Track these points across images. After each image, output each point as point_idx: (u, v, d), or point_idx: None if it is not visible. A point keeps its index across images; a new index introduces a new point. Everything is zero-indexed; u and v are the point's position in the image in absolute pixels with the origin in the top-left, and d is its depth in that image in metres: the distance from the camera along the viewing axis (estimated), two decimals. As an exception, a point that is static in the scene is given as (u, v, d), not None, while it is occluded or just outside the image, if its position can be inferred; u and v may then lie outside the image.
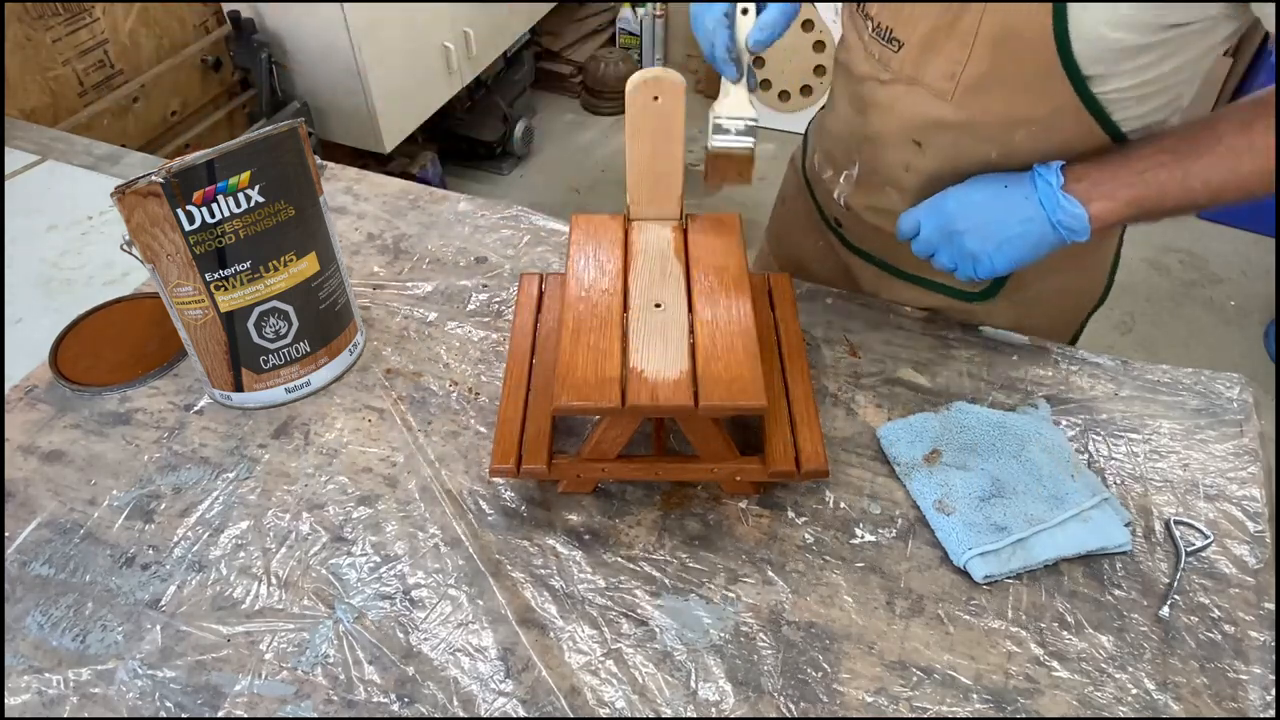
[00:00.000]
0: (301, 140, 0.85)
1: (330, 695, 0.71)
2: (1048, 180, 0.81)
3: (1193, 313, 2.52)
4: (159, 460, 0.89)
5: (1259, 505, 0.85)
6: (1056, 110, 0.81)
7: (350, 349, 0.97)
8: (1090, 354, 1.00)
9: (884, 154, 0.94)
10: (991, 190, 0.85)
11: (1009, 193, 0.84)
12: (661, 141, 0.84)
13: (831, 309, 1.05)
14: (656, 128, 0.83)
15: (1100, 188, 0.80)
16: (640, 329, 0.80)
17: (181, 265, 0.82)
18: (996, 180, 0.85)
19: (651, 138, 0.84)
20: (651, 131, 0.83)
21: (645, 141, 0.84)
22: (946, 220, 0.86)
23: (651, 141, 0.84)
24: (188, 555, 0.81)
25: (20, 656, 0.74)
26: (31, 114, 1.74)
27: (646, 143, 0.84)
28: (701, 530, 0.83)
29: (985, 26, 0.79)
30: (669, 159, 0.86)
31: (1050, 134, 0.84)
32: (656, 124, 0.83)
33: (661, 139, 0.84)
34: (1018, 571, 0.79)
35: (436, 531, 0.82)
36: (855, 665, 0.73)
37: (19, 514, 0.84)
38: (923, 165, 0.91)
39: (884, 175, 0.96)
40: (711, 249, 0.89)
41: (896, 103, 0.89)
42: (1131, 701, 0.71)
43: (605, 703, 0.71)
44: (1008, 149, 0.86)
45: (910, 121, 0.89)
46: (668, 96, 0.81)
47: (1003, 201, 0.84)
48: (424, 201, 1.21)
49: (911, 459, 0.87)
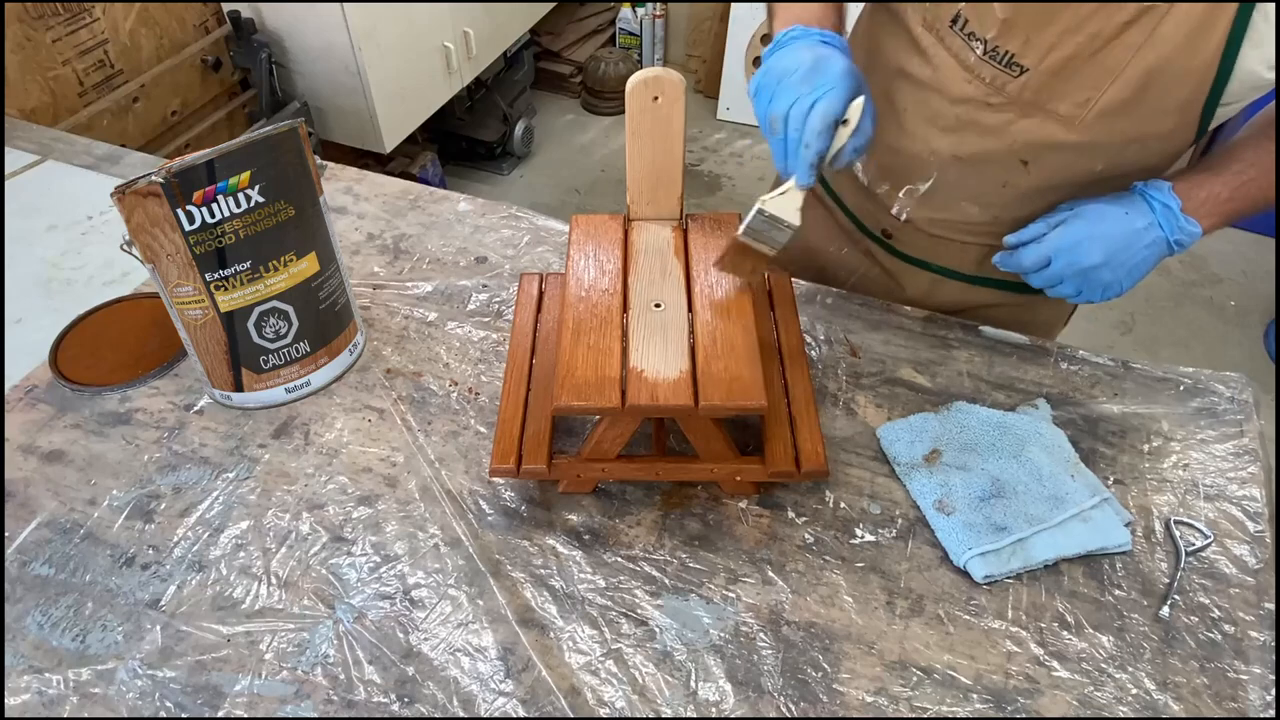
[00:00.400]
0: (301, 140, 0.85)
1: (330, 695, 0.71)
2: (1167, 204, 0.85)
3: (1193, 313, 2.52)
4: (159, 460, 0.89)
5: (1259, 505, 0.85)
6: (1175, 129, 0.83)
7: (350, 349, 0.97)
8: (1090, 354, 1.00)
9: (979, 172, 0.92)
10: (1117, 221, 0.86)
11: (1131, 219, 0.85)
12: (661, 141, 0.84)
13: (831, 309, 1.05)
14: (656, 128, 0.83)
15: (1207, 205, 0.85)
16: (640, 329, 0.80)
17: (181, 265, 0.82)
18: (1116, 207, 0.86)
19: (651, 138, 0.84)
20: (651, 131, 0.83)
21: (645, 141, 0.84)
22: (1080, 256, 0.86)
23: (651, 141, 0.84)
24: (188, 555, 0.81)
25: (20, 656, 0.74)
26: (31, 114, 1.74)
27: (646, 143, 0.84)
28: (701, 530, 0.83)
29: (1140, 59, 0.77)
30: (669, 159, 0.86)
31: (1160, 146, 0.86)
32: (656, 124, 0.83)
33: (661, 139, 0.84)
34: (1018, 571, 0.79)
35: (436, 531, 0.82)
36: (855, 665, 0.73)
37: (19, 514, 0.84)
38: (1024, 183, 0.91)
39: (971, 192, 0.95)
40: (711, 249, 0.89)
41: (1009, 126, 0.87)
42: (1131, 701, 0.71)
43: (605, 703, 0.71)
44: (1115, 161, 0.87)
45: (1021, 143, 0.88)
46: (668, 96, 0.81)
47: (1129, 229, 0.85)
48: (424, 201, 1.21)
49: (911, 459, 0.87)
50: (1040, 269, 0.89)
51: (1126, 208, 0.85)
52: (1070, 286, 0.89)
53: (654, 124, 0.83)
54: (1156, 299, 2.56)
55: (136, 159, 1.31)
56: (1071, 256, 0.87)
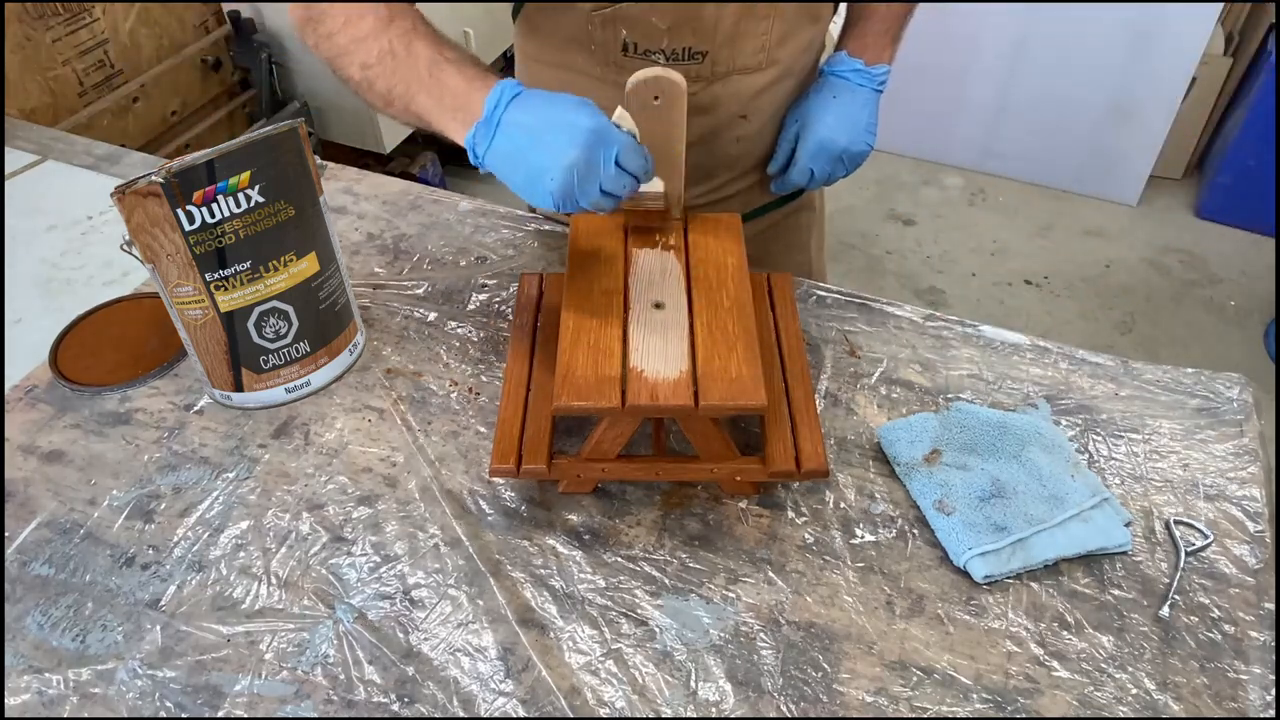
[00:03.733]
0: (301, 140, 0.85)
1: (330, 695, 0.71)
2: (854, 69, 1.00)
3: (1193, 313, 2.52)
4: (159, 460, 0.89)
5: (1259, 505, 0.85)
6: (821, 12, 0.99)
7: (350, 349, 0.97)
8: (1090, 354, 1.00)
9: (713, 146, 1.03)
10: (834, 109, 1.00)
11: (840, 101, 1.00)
12: (661, 141, 0.84)
13: (831, 309, 1.05)
14: (656, 128, 0.83)
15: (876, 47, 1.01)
16: (640, 329, 0.80)
17: (181, 265, 0.82)
18: (826, 97, 1.00)
19: (651, 138, 0.84)
20: (651, 131, 0.83)
21: (645, 141, 0.84)
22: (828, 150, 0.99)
23: (651, 141, 0.84)
24: (188, 555, 0.81)
25: (20, 656, 0.74)
26: (31, 114, 1.74)
27: (647, 143, 0.84)
28: (701, 530, 0.83)
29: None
30: (669, 159, 0.86)
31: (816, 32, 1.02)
32: (656, 124, 0.82)
33: (661, 139, 0.84)
34: (1018, 571, 0.79)
35: (436, 531, 0.82)
36: (855, 665, 0.73)
37: (19, 514, 0.84)
38: (750, 129, 1.03)
39: (715, 162, 1.06)
40: (711, 249, 0.89)
41: (717, 98, 0.98)
42: (1131, 701, 0.71)
43: (605, 703, 0.71)
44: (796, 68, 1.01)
45: (735, 105, 0.99)
46: (668, 96, 0.81)
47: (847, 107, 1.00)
48: (424, 201, 1.21)
49: (911, 459, 0.87)
50: (810, 178, 1.03)
51: (834, 92, 1.00)
52: (839, 171, 1.03)
53: (654, 124, 0.82)
54: (1156, 299, 2.56)
55: (136, 159, 1.31)
56: (823, 157, 1.00)
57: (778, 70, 0.98)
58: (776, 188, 1.08)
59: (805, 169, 1.02)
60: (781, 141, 1.04)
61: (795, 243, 1.23)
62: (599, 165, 0.73)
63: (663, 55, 0.93)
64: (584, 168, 0.72)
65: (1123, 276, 2.59)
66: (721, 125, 1.01)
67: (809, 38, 1.00)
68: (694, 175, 1.04)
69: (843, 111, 1.00)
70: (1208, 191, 2.75)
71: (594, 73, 0.96)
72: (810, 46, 1.02)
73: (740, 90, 0.98)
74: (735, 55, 0.94)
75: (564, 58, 0.97)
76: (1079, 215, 2.81)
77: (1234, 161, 2.64)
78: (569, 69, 0.98)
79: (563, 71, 0.99)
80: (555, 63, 0.99)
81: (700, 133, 1.00)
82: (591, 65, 0.96)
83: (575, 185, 0.73)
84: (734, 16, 0.91)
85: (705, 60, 0.94)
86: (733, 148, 1.05)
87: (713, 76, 0.96)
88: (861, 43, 1.02)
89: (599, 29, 0.92)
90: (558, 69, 0.99)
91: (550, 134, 0.73)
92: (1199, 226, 2.78)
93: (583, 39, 0.94)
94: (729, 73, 0.96)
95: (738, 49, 0.94)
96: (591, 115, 0.74)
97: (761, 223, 1.18)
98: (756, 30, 0.93)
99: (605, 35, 0.92)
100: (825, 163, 1.01)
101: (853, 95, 1.00)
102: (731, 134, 1.03)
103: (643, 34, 0.91)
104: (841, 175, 1.04)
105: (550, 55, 1.00)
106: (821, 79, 1.03)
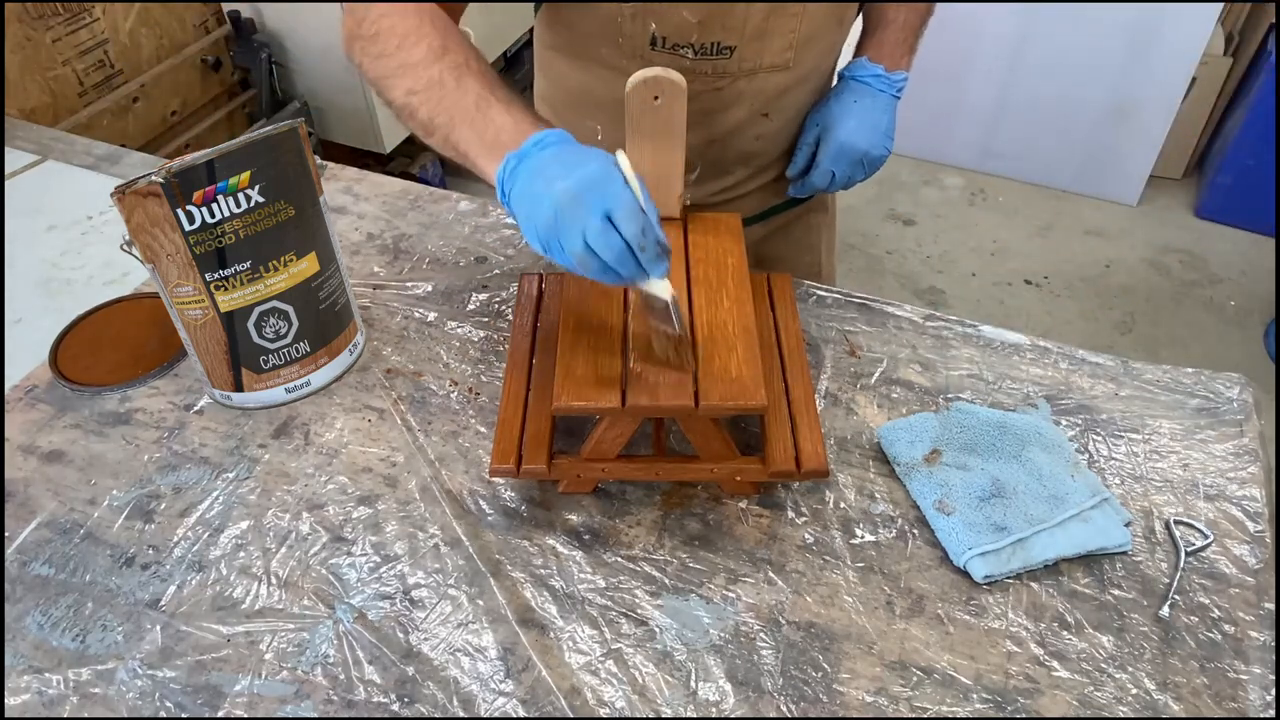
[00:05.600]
0: (301, 140, 0.85)
1: (330, 695, 0.71)
2: (875, 74, 1.01)
3: (1193, 313, 2.52)
4: (159, 460, 0.89)
5: (1259, 505, 0.85)
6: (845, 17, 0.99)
7: (350, 349, 0.97)
8: (1090, 354, 1.00)
9: (732, 142, 1.04)
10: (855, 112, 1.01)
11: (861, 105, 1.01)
12: (661, 141, 0.84)
13: (831, 309, 1.05)
14: (656, 128, 0.83)
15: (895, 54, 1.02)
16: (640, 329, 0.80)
17: (181, 265, 0.82)
18: (848, 100, 1.01)
19: (651, 138, 0.84)
20: (651, 131, 0.83)
21: (645, 141, 0.84)
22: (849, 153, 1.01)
23: (651, 141, 0.84)
24: (188, 555, 0.81)
25: (20, 656, 0.74)
26: (31, 114, 1.74)
27: (646, 143, 0.84)
28: (701, 530, 0.83)
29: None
30: (669, 159, 0.86)
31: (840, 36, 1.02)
32: (656, 124, 0.83)
33: (661, 139, 0.84)
34: (1018, 571, 0.79)
35: (436, 531, 0.82)
36: (855, 665, 0.73)
37: (19, 514, 0.84)
38: (770, 128, 1.04)
39: (734, 158, 1.06)
40: (711, 249, 0.89)
41: (741, 94, 0.98)
42: (1131, 701, 0.71)
43: (605, 703, 0.71)
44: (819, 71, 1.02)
45: (758, 101, 0.99)
46: (668, 96, 0.81)
47: (866, 111, 1.01)
48: (424, 201, 1.21)
49: (911, 459, 0.87)
50: (830, 182, 1.04)
51: (855, 96, 1.02)
52: (859, 174, 1.04)
53: (654, 124, 0.82)
54: (1156, 299, 2.56)
55: (136, 159, 1.31)
56: (844, 160, 1.02)
57: (801, 71, 0.99)
58: (795, 191, 1.09)
59: (826, 172, 1.03)
60: (801, 145, 1.05)
61: (806, 243, 1.24)
62: (585, 209, 0.67)
63: (691, 49, 0.93)
64: (568, 205, 0.67)
65: (1123, 276, 2.59)
66: (744, 122, 1.01)
67: (832, 41, 1.00)
68: (711, 171, 1.07)
69: (864, 115, 1.01)
70: (1208, 191, 2.75)
71: (619, 66, 0.94)
72: (832, 51, 1.03)
73: (765, 88, 0.98)
74: (762, 52, 0.95)
75: (588, 50, 0.97)
76: (1079, 215, 2.81)
77: (1234, 161, 2.64)
78: (592, 61, 0.97)
79: (585, 63, 0.98)
80: (578, 54, 0.99)
81: (724, 128, 1.01)
82: (617, 58, 0.95)
83: (557, 223, 0.68)
84: (763, 12, 0.91)
85: (732, 56, 0.94)
86: (752, 145, 1.05)
87: (739, 73, 0.96)
88: (880, 50, 1.03)
89: (629, 21, 0.91)
90: (580, 60, 0.99)
91: (555, 166, 0.70)
92: (1199, 226, 2.78)
93: (610, 32, 0.93)
94: (755, 70, 0.96)
95: (765, 46, 0.94)
96: (601, 162, 0.70)
97: (774, 223, 1.18)
98: (785, 28, 0.93)
99: (634, 28, 0.92)
100: (846, 166, 1.02)
101: (874, 100, 1.01)
102: (753, 131, 1.03)
103: (673, 28, 0.91)
104: (860, 179, 1.05)
105: (574, 47, 0.99)
106: (842, 83, 1.04)
